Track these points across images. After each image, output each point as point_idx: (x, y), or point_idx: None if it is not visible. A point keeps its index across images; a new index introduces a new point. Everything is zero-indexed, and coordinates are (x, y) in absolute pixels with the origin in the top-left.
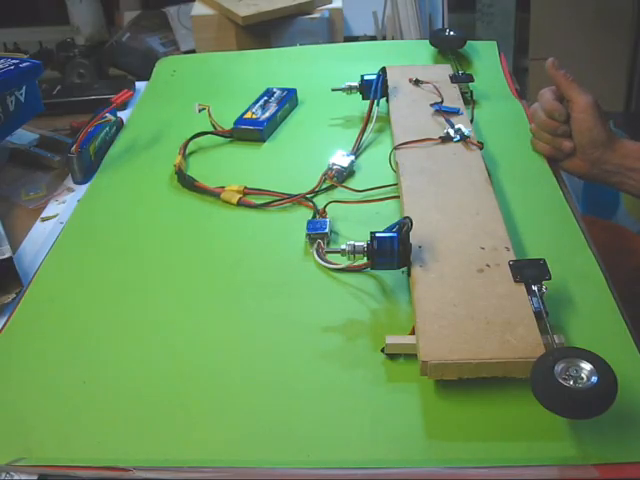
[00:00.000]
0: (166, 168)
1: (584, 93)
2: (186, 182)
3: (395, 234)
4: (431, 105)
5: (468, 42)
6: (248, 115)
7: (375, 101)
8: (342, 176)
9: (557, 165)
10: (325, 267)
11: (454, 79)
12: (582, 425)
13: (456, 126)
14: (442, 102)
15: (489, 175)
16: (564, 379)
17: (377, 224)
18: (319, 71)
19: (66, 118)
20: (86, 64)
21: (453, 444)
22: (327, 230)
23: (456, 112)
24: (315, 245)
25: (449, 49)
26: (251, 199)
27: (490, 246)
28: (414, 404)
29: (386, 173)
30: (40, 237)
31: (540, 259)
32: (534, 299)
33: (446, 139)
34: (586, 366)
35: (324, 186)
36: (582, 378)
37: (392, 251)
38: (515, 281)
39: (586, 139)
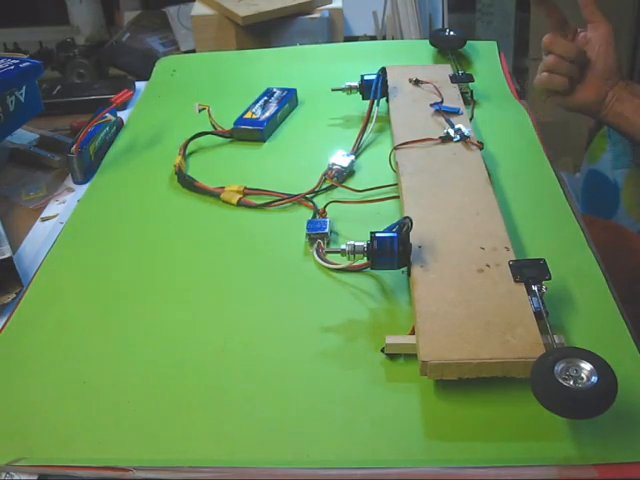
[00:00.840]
0: (166, 168)
1: (606, 21)
2: (186, 182)
3: (395, 234)
4: (431, 105)
5: (468, 42)
6: (248, 115)
7: (375, 101)
8: (342, 176)
9: (564, 102)
10: (325, 267)
11: (454, 79)
12: (582, 425)
13: (456, 126)
14: (442, 102)
15: (489, 175)
16: (564, 379)
17: (377, 224)
18: (319, 71)
19: (66, 118)
20: (86, 64)
21: (453, 444)
22: (327, 230)
23: (456, 112)
24: (315, 245)
25: (449, 49)
26: (251, 199)
27: (490, 246)
28: (414, 404)
29: (386, 173)
30: (40, 237)
31: (540, 259)
32: (534, 299)
33: (446, 139)
34: (586, 366)
35: (324, 186)
36: (582, 378)
37: (392, 251)
38: (515, 281)
39: (609, 62)
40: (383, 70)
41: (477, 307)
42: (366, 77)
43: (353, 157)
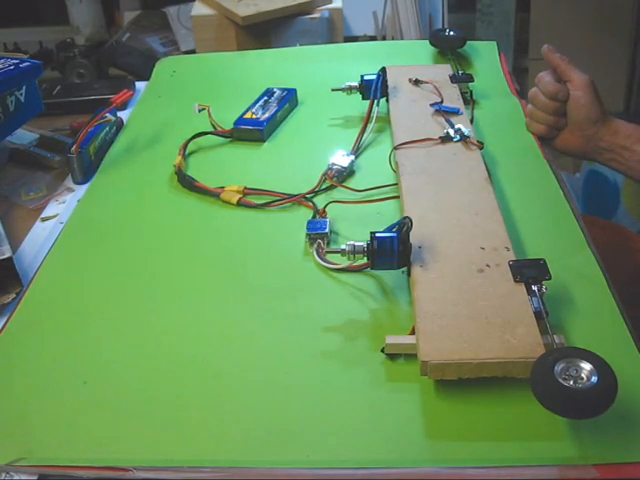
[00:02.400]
0: (166, 168)
1: (581, 72)
2: (186, 182)
3: (395, 234)
4: (431, 105)
5: (468, 42)
6: (248, 115)
7: (375, 101)
8: (342, 176)
9: (550, 144)
10: (325, 267)
11: (454, 79)
12: (582, 425)
13: (456, 126)
14: (442, 102)
15: (489, 175)
16: (564, 379)
17: (377, 224)
18: (319, 71)
19: (66, 118)
20: (86, 64)
21: (453, 444)
22: (327, 230)
23: (456, 112)
24: (315, 245)
25: (449, 49)
26: (251, 199)
27: (490, 246)
28: (414, 404)
29: (386, 173)
30: (40, 237)
31: (540, 259)
32: (534, 299)
33: (446, 139)
34: (586, 366)
35: (324, 186)
36: (582, 378)
37: (392, 251)
38: (515, 281)
39: (583, 115)
40: (383, 70)
41: (477, 307)
42: (366, 77)
43: (353, 157)
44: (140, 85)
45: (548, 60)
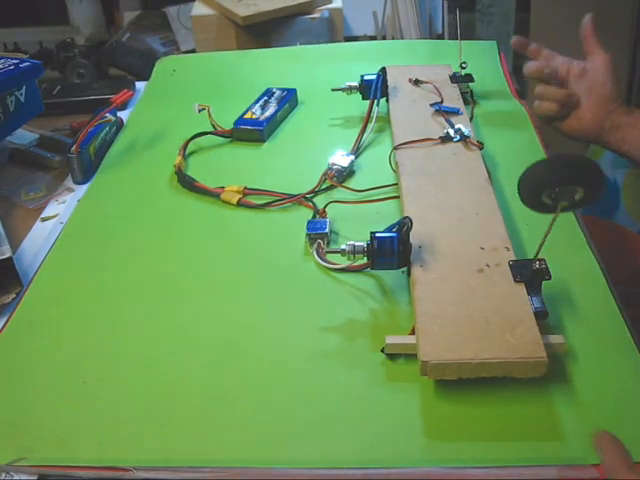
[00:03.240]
0: (166, 168)
1: (604, 50)
2: (186, 182)
3: (395, 234)
4: (431, 105)
5: (468, 42)
6: (248, 115)
7: (375, 101)
8: (342, 176)
9: (559, 127)
10: (325, 267)
11: (454, 79)
12: (582, 425)
13: (456, 126)
14: (442, 102)
15: (489, 175)
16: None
17: (377, 224)
18: (319, 71)
19: (66, 118)
20: (86, 64)
21: (453, 444)
22: (327, 230)
23: (456, 112)
24: (315, 245)
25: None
26: (251, 199)
27: (490, 246)
28: (414, 404)
29: (386, 173)
30: (40, 237)
31: (540, 259)
32: (534, 299)
33: (446, 139)
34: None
35: (324, 186)
36: None
37: (392, 251)
38: (515, 281)
39: (608, 90)
40: (383, 70)
41: (477, 307)
42: (366, 77)
43: (353, 157)
44: (140, 85)
45: (586, 27)
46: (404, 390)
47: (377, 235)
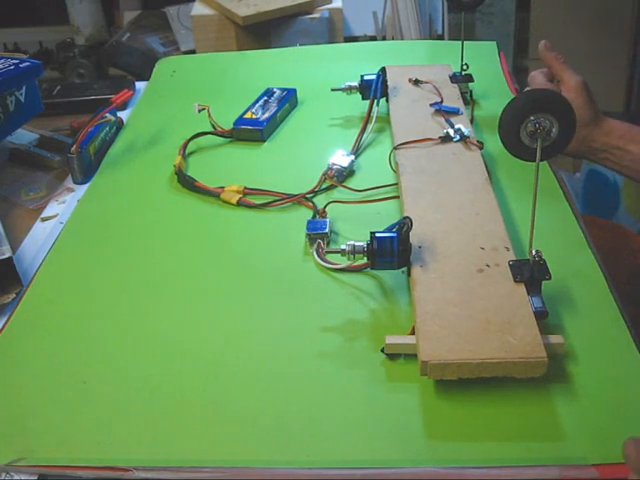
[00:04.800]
0: (166, 168)
1: (574, 74)
2: (186, 182)
3: (395, 234)
4: (431, 105)
5: (468, 42)
6: (248, 115)
7: (375, 101)
8: (342, 176)
9: None
10: (325, 267)
11: (454, 79)
12: (582, 425)
13: (456, 126)
14: (442, 102)
15: (489, 175)
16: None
17: (377, 224)
18: (319, 71)
19: (66, 118)
20: (86, 64)
21: (453, 444)
22: (327, 230)
23: (456, 112)
24: (315, 245)
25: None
26: (251, 199)
27: (490, 246)
28: (414, 404)
29: (386, 173)
30: (40, 237)
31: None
32: (534, 299)
33: (446, 139)
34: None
35: (324, 186)
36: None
37: (392, 251)
38: (515, 281)
39: (584, 110)
40: (383, 70)
41: (477, 307)
42: (366, 77)
43: (353, 157)
44: (140, 85)
45: (543, 58)
46: (404, 390)
47: (377, 235)
